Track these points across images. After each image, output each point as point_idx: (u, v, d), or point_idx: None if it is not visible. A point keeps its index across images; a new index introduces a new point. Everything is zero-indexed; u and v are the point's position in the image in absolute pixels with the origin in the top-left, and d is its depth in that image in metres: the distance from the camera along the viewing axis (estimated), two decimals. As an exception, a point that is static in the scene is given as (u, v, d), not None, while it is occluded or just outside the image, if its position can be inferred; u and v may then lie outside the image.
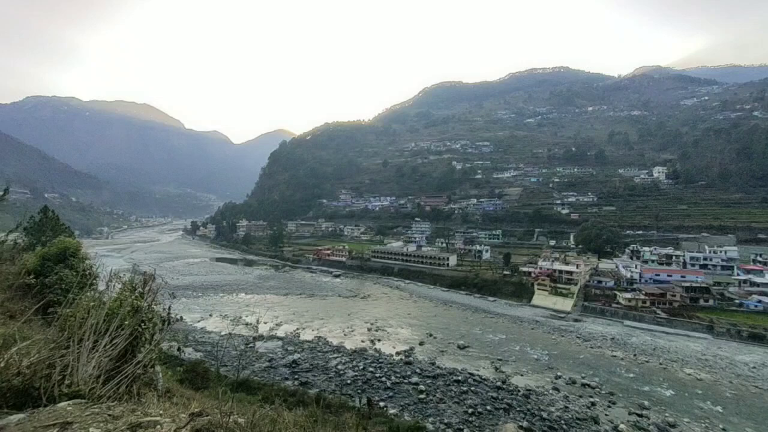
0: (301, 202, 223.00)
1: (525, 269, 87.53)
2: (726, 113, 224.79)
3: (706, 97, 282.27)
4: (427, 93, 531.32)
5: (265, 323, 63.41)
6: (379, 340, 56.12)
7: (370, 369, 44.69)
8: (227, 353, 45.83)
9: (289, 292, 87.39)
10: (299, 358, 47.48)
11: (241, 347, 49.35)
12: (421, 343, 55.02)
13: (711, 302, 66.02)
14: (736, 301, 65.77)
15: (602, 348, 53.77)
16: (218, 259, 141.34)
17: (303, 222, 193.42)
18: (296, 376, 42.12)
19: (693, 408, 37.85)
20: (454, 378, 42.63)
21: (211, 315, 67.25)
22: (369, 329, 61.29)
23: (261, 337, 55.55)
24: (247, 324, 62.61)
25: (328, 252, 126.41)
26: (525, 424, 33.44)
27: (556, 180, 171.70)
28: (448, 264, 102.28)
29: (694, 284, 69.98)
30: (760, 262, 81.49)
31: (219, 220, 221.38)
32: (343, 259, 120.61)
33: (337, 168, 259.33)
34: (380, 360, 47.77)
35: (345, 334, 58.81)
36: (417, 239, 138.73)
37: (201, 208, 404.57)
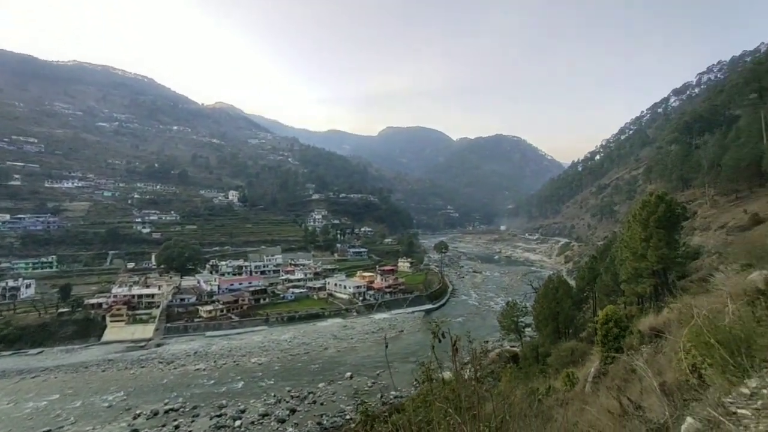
0: None
1: (94, 301, 72.43)
2: (274, 156, 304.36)
3: (264, 141, 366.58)
4: None
5: None
6: None
7: None
8: None
9: None
10: None
11: None
12: None
13: (268, 300, 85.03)
14: (281, 296, 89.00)
15: (186, 365, 54.51)
16: None
17: None
18: None
19: (256, 389, 46.74)
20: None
21: None
22: None
23: None
24: None
25: None
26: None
27: (137, 196, 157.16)
28: (-52, 315, 65.00)
29: (257, 288, 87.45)
30: (292, 264, 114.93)
31: None
32: None
33: None
34: None
35: None
36: None
37: None
